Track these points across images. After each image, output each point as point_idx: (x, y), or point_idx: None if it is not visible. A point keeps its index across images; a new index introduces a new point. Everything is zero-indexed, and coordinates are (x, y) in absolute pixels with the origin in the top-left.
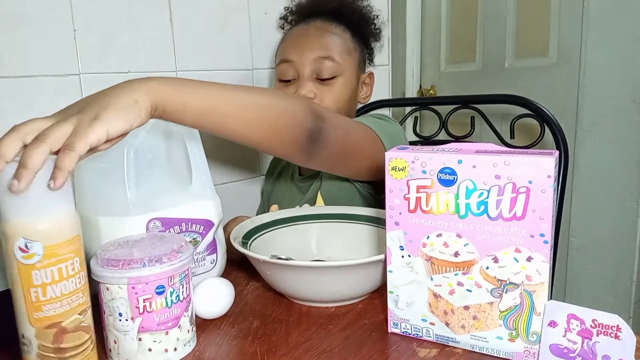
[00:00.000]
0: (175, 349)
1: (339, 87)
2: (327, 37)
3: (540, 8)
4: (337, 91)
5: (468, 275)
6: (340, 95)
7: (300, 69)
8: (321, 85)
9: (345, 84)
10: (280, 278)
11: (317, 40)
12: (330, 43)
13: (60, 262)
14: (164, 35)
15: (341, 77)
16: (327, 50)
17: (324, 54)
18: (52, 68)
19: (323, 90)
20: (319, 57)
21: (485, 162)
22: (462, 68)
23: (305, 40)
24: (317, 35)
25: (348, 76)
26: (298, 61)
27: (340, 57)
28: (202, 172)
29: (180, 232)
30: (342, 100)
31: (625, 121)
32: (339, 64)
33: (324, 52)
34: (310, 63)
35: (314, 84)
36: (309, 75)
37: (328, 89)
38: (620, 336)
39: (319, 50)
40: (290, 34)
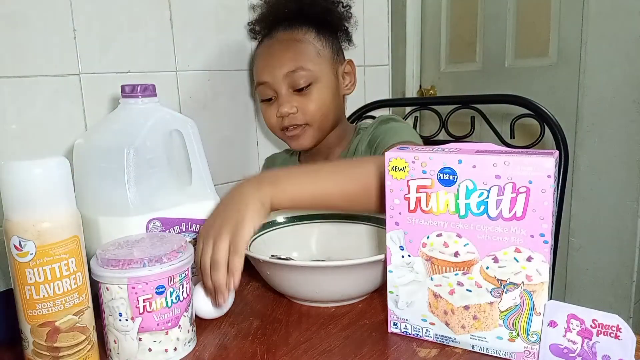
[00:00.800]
0: (175, 349)
1: (317, 93)
2: (292, 48)
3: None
4: (317, 97)
5: (468, 275)
6: (321, 101)
7: (276, 87)
8: (300, 96)
9: (323, 87)
10: (280, 278)
11: (282, 55)
12: (296, 53)
13: (54, 262)
14: (164, 35)
15: (317, 82)
16: (295, 62)
17: (293, 66)
18: (52, 68)
19: (303, 101)
20: (288, 72)
21: (485, 162)
22: (462, 68)
23: (271, 58)
24: (281, 50)
25: (324, 78)
26: (271, 81)
27: (310, 63)
28: (202, 172)
29: (180, 232)
30: (325, 103)
31: (625, 121)
32: (310, 71)
33: (293, 65)
34: (282, 80)
35: (292, 98)
36: (286, 91)
37: (307, 98)
38: (620, 336)
39: (287, 64)
40: (259, 53)
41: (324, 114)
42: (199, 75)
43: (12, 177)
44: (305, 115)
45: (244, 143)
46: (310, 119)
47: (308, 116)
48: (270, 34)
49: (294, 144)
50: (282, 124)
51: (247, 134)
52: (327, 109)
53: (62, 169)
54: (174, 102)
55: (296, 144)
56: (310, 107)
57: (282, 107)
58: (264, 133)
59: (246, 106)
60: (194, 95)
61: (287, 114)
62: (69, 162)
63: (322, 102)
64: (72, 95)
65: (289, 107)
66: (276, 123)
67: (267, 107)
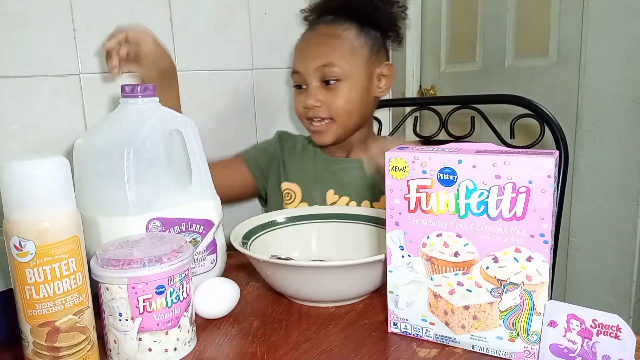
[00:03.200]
0: (175, 349)
1: (344, 90)
2: (328, 42)
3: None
4: (344, 95)
5: (468, 275)
6: (347, 98)
7: (307, 78)
8: (327, 90)
9: (351, 86)
10: (280, 278)
11: (317, 48)
12: (331, 49)
13: (54, 262)
14: (164, 35)
15: (346, 80)
16: (328, 57)
17: (324, 61)
18: (52, 68)
19: (329, 96)
20: (320, 65)
21: (485, 162)
22: (462, 68)
23: (307, 50)
24: (317, 43)
25: (355, 76)
26: (303, 71)
27: (342, 60)
28: (202, 172)
29: (180, 232)
30: (351, 101)
31: (625, 121)
32: (340, 68)
33: (325, 59)
34: (313, 72)
35: (320, 92)
36: (316, 84)
37: (334, 94)
38: (620, 336)
39: (319, 58)
40: (298, 44)
41: (348, 112)
42: (199, 75)
43: (12, 177)
44: (330, 110)
45: (244, 143)
46: (334, 114)
47: (332, 111)
48: (313, 26)
49: (316, 138)
50: (307, 114)
51: (247, 134)
52: (353, 107)
53: (62, 169)
54: None
55: (318, 138)
56: (335, 103)
57: (308, 98)
58: (264, 133)
59: (246, 106)
60: (194, 95)
61: (312, 106)
62: (69, 162)
63: (348, 100)
64: (72, 95)
65: (314, 100)
66: (302, 112)
67: (297, 95)
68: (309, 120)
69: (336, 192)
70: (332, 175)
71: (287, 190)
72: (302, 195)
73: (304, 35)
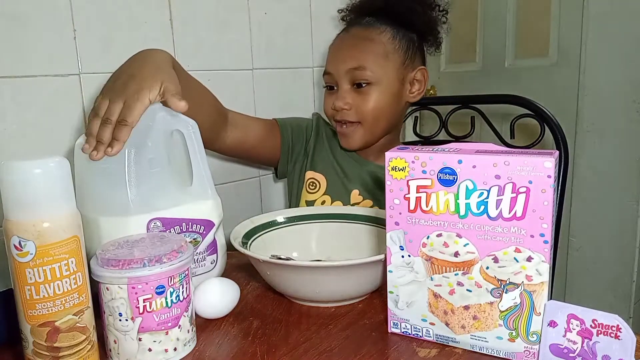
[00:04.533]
0: (175, 349)
1: (374, 94)
2: (361, 46)
3: (540, 8)
4: (374, 99)
5: (468, 275)
6: (376, 102)
7: (338, 80)
8: (357, 94)
9: (382, 90)
10: (280, 278)
11: (350, 51)
12: (363, 52)
13: (54, 262)
14: (164, 35)
15: (377, 84)
16: (359, 60)
17: (356, 64)
18: (52, 68)
19: (359, 99)
20: (351, 68)
21: (485, 162)
22: (462, 68)
23: (339, 52)
24: (350, 46)
25: (386, 81)
26: (335, 73)
27: (374, 64)
28: (203, 173)
29: (180, 232)
30: (380, 106)
31: (625, 121)
32: (372, 72)
33: (356, 62)
34: (344, 75)
35: (350, 94)
36: (346, 86)
37: (364, 97)
38: (620, 336)
39: (351, 61)
40: (333, 44)
41: (376, 116)
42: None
43: (12, 177)
44: (358, 114)
45: None
46: (363, 118)
47: (360, 115)
48: (348, 27)
49: (343, 142)
50: (335, 115)
51: None
52: (381, 111)
53: (62, 169)
54: None
55: (345, 142)
56: (364, 107)
57: (337, 101)
58: None
59: (246, 106)
60: None
61: (340, 108)
62: (69, 162)
63: (377, 104)
64: (72, 95)
65: (343, 103)
66: (330, 113)
67: (328, 95)
68: (337, 122)
69: (361, 194)
70: (359, 175)
71: (311, 180)
72: (326, 188)
73: (338, 37)
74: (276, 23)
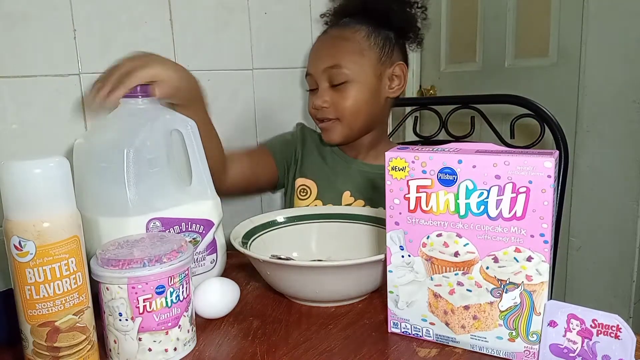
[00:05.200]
0: (175, 349)
1: (351, 91)
2: (336, 45)
3: (540, 8)
4: (351, 96)
5: (468, 275)
6: (353, 99)
7: (317, 80)
8: (335, 92)
9: (359, 87)
10: (280, 278)
11: (325, 50)
12: (339, 51)
13: (54, 262)
14: (164, 35)
15: (353, 81)
16: (334, 59)
17: (331, 63)
18: (52, 68)
19: (336, 97)
20: (327, 67)
21: (485, 162)
22: (462, 68)
23: (317, 52)
24: (326, 46)
25: (363, 77)
26: (314, 73)
27: (349, 62)
28: (202, 172)
29: (180, 232)
30: (357, 102)
31: (625, 121)
32: (348, 70)
33: (331, 61)
34: (322, 74)
35: (328, 93)
36: (325, 85)
37: (341, 95)
38: (620, 336)
39: (327, 60)
40: (313, 46)
41: (354, 113)
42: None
43: (12, 177)
44: (337, 111)
45: (244, 143)
46: (341, 115)
47: (339, 112)
48: (327, 30)
49: (324, 136)
50: (316, 114)
51: (247, 134)
52: (359, 108)
53: (62, 169)
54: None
55: (326, 136)
56: (342, 104)
57: (316, 99)
58: (264, 133)
59: (246, 106)
60: None
61: (320, 107)
62: (69, 162)
63: (354, 101)
64: (72, 95)
65: (321, 101)
66: (312, 113)
67: (310, 96)
68: (318, 121)
69: (352, 195)
70: (349, 175)
71: (302, 186)
72: (317, 193)
73: (318, 39)
74: (276, 23)
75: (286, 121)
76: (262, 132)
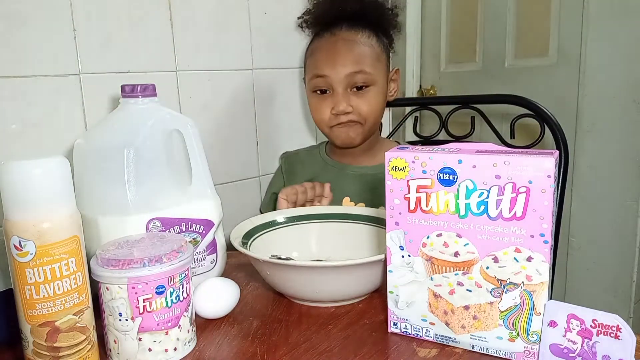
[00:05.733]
0: (175, 349)
1: (372, 95)
2: (357, 49)
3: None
4: (372, 100)
5: (468, 275)
6: (375, 103)
7: (334, 84)
8: (355, 96)
9: (378, 91)
10: (280, 278)
11: (347, 54)
12: (361, 56)
13: (54, 262)
14: (164, 35)
15: (374, 85)
16: (359, 64)
17: (356, 68)
18: (52, 68)
19: (358, 101)
20: (351, 72)
21: (485, 162)
22: (462, 68)
23: (336, 55)
24: (346, 49)
25: (380, 82)
26: (332, 76)
27: (371, 67)
28: (202, 172)
29: (180, 232)
30: (377, 106)
31: (625, 121)
32: (371, 74)
33: (356, 66)
34: (343, 78)
35: (349, 97)
36: (344, 90)
37: (363, 100)
38: (620, 336)
39: (351, 65)
40: (319, 47)
41: (374, 117)
42: (199, 75)
43: (12, 177)
44: (359, 116)
45: (244, 143)
46: (363, 119)
47: (361, 116)
48: (331, 30)
49: (344, 140)
50: (335, 120)
51: (247, 134)
52: (378, 112)
53: (62, 169)
54: (174, 102)
55: (347, 139)
56: (364, 108)
57: (339, 104)
58: (264, 133)
59: (246, 106)
60: (194, 95)
61: (343, 112)
62: (69, 162)
63: (375, 105)
64: (72, 95)
65: (345, 106)
66: (328, 118)
67: (320, 100)
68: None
69: (352, 199)
70: (346, 182)
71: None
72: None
73: (322, 39)
74: (276, 23)
75: (286, 121)
76: (262, 132)
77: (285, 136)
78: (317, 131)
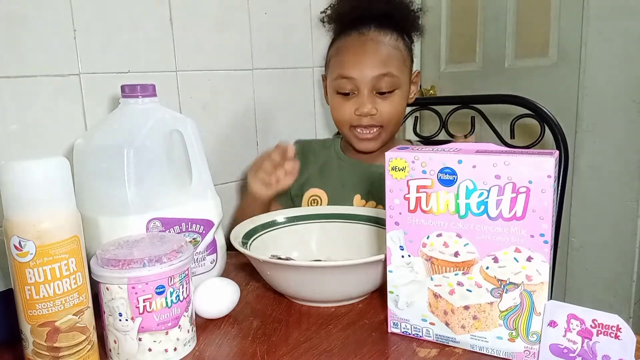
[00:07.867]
0: (175, 349)
1: (397, 99)
2: (385, 51)
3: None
4: (397, 103)
5: (468, 275)
6: (399, 106)
7: (360, 85)
8: (380, 99)
9: (403, 94)
10: (280, 278)
11: (375, 56)
12: (388, 58)
13: (54, 262)
14: (164, 35)
15: (399, 89)
16: (386, 66)
17: (384, 70)
18: (52, 68)
19: (383, 104)
20: (379, 74)
21: (485, 162)
22: (462, 68)
23: (363, 57)
24: (374, 51)
25: (404, 85)
26: (358, 78)
27: (398, 70)
28: (202, 172)
29: (180, 232)
30: (401, 109)
31: (625, 121)
32: (397, 78)
33: (384, 69)
34: (370, 80)
35: (374, 99)
36: (369, 92)
37: (388, 103)
38: (620, 336)
39: (379, 67)
40: (346, 46)
41: (396, 120)
42: (199, 75)
43: (12, 177)
44: (382, 119)
45: (244, 143)
46: (386, 123)
47: (384, 120)
48: (359, 30)
49: (363, 144)
50: (357, 121)
51: (247, 134)
52: (400, 115)
53: (62, 169)
54: (174, 102)
55: (366, 144)
56: (388, 111)
57: (363, 106)
58: (263, 133)
59: (246, 106)
60: (194, 95)
61: (368, 114)
62: (69, 162)
63: (399, 108)
64: (72, 95)
65: (370, 108)
66: (350, 119)
67: (343, 101)
68: (353, 128)
69: (363, 197)
70: (358, 180)
71: (313, 197)
72: (328, 201)
73: (349, 38)
74: (276, 23)
75: (286, 121)
76: (262, 132)
77: (285, 136)
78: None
